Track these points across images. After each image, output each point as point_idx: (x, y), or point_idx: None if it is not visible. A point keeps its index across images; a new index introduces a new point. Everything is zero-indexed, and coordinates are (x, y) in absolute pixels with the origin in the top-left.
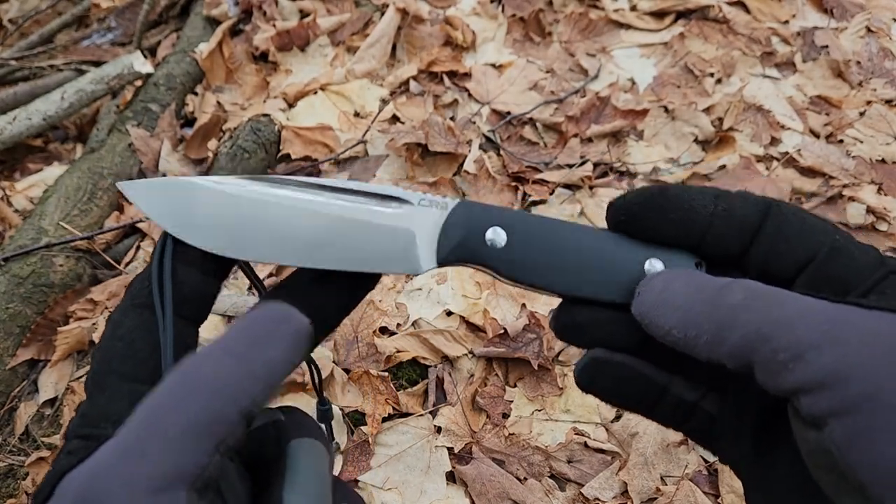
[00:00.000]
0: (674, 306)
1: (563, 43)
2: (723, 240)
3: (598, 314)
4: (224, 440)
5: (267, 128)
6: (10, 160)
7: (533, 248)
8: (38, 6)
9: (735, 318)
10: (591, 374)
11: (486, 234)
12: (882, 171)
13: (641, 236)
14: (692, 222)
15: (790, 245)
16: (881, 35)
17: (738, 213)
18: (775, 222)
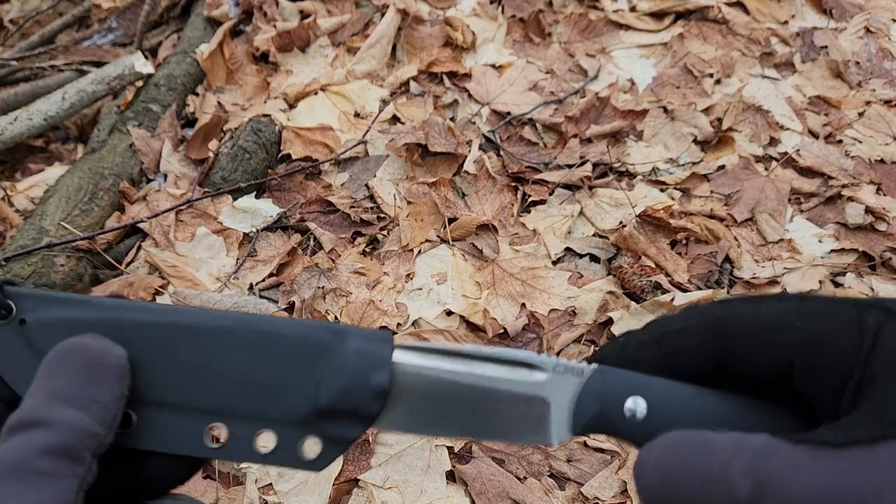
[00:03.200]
0: (677, 486)
1: (563, 43)
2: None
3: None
4: (84, 478)
5: (267, 128)
6: (11, 160)
7: (677, 418)
8: (40, 7)
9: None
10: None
11: (626, 404)
12: (881, 171)
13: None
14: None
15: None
16: (880, 35)
17: (685, 355)
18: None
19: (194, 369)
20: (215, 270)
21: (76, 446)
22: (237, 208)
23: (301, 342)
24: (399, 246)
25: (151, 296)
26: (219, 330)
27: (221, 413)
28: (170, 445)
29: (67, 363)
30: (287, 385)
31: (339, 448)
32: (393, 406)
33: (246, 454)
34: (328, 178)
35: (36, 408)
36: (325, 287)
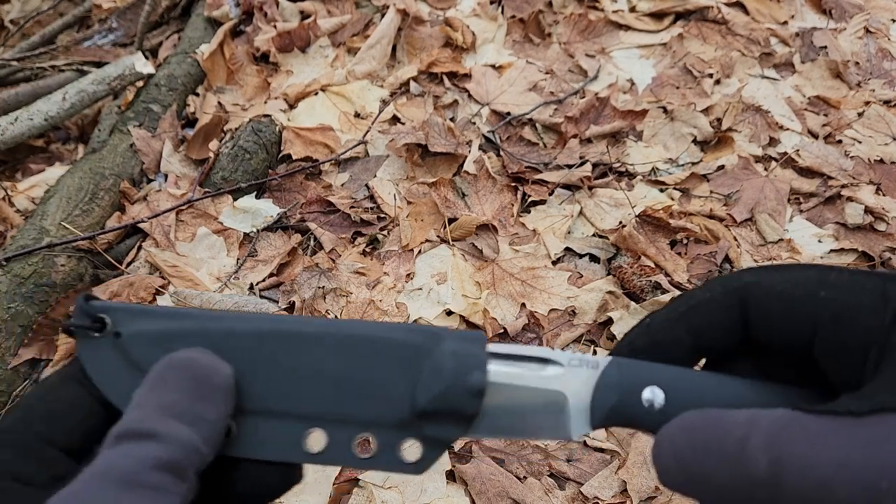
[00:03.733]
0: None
1: (563, 44)
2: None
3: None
4: (187, 496)
5: (268, 128)
6: (11, 160)
7: (695, 405)
8: (40, 7)
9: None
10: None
11: (643, 395)
12: (880, 171)
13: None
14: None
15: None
16: (879, 36)
17: (711, 328)
18: (756, 318)
19: (290, 375)
20: (216, 270)
21: (184, 463)
22: (237, 208)
23: (396, 345)
24: (399, 246)
25: (152, 296)
26: (313, 335)
27: (320, 418)
28: (269, 453)
29: (177, 377)
30: (384, 388)
31: (439, 450)
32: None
33: (345, 459)
34: (328, 178)
35: (146, 419)
36: (326, 287)
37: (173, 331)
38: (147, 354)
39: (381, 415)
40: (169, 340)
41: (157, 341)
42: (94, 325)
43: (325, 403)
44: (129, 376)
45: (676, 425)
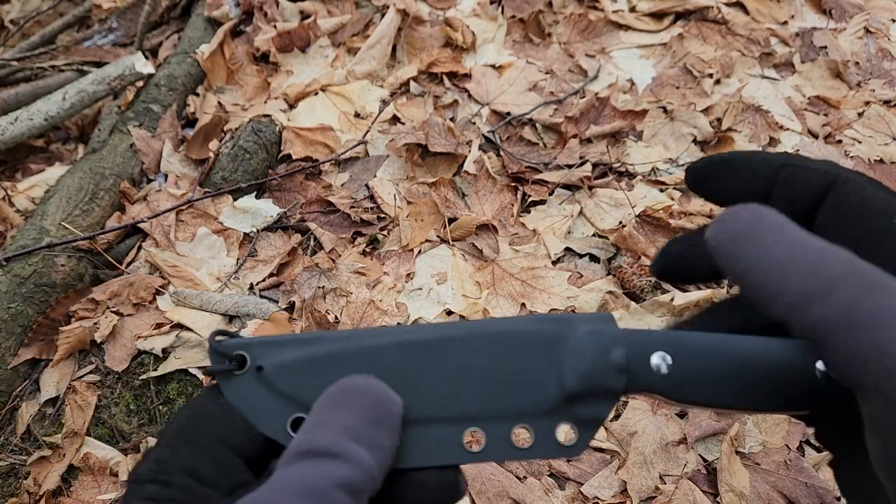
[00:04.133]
0: (764, 249)
1: (563, 44)
2: (781, 208)
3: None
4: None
5: (268, 128)
6: (11, 160)
7: (699, 369)
8: (40, 7)
9: (828, 292)
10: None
11: (652, 360)
12: (880, 171)
13: (711, 198)
14: (751, 190)
15: (840, 224)
16: (879, 36)
17: (799, 186)
18: (834, 199)
19: (438, 381)
20: (216, 270)
21: (362, 487)
22: (237, 208)
23: (533, 336)
24: (399, 246)
25: (152, 296)
26: (449, 339)
27: (475, 418)
28: (432, 458)
29: (356, 402)
30: (531, 379)
31: (593, 429)
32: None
33: (507, 452)
34: (328, 178)
35: (331, 440)
36: (326, 287)
37: (313, 357)
38: (296, 384)
39: (532, 404)
40: (313, 366)
41: (301, 370)
42: (234, 365)
43: (476, 403)
44: (281, 408)
45: (757, 210)
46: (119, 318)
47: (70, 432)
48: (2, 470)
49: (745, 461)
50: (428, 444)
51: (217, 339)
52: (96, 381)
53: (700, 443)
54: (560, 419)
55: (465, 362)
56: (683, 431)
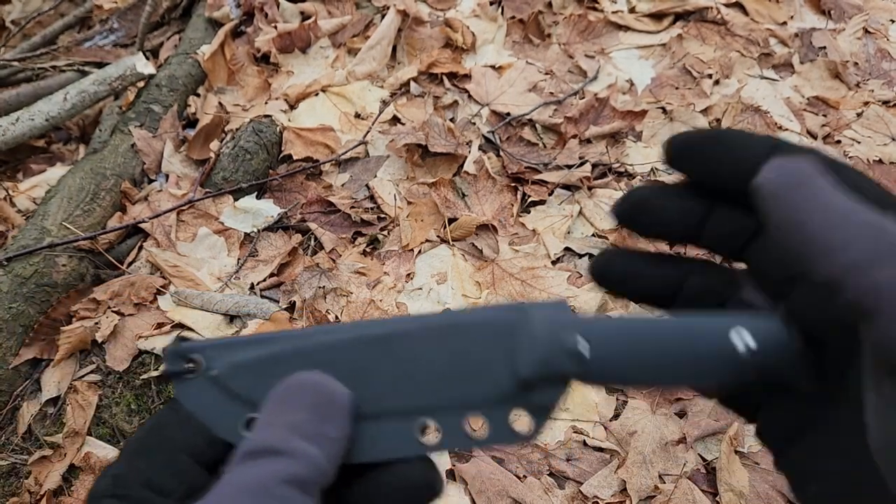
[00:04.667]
0: (828, 202)
1: (563, 45)
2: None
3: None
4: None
5: (268, 129)
6: (13, 161)
7: (618, 352)
8: (41, 7)
9: (892, 257)
10: (607, 262)
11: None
12: (879, 171)
13: (691, 174)
14: (743, 170)
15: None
16: (879, 36)
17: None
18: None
19: (391, 375)
20: (216, 270)
21: (309, 480)
22: (238, 208)
23: (487, 325)
24: (399, 246)
25: (153, 296)
26: (402, 333)
27: (429, 409)
28: (388, 452)
29: (301, 399)
30: (484, 368)
31: (546, 415)
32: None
33: (462, 442)
34: (329, 178)
35: (275, 438)
36: (326, 287)
37: (266, 357)
38: (248, 384)
39: (485, 393)
40: (265, 366)
41: (254, 370)
42: (188, 367)
43: (430, 394)
44: (234, 409)
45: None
46: (120, 318)
47: (71, 432)
48: (3, 469)
49: (745, 461)
50: (383, 437)
51: (180, 338)
52: (97, 381)
53: (699, 442)
54: (514, 407)
55: (419, 355)
56: (683, 431)
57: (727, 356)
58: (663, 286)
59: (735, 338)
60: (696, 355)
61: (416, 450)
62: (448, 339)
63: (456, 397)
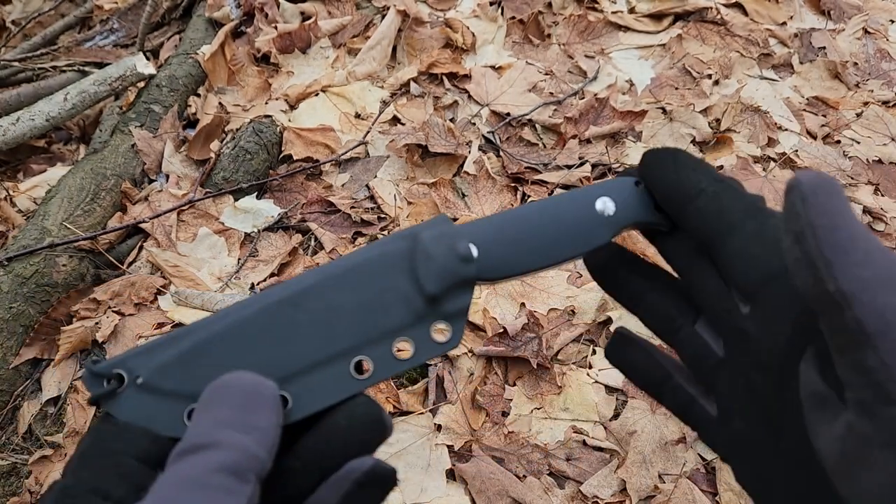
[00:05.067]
0: (848, 218)
1: (562, 45)
2: (699, 219)
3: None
4: (252, 498)
5: (269, 129)
6: (13, 161)
7: (504, 246)
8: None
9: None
10: (616, 349)
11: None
12: (879, 171)
13: (650, 188)
14: (682, 190)
15: (758, 255)
16: (878, 36)
17: (727, 205)
18: (755, 226)
19: (312, 327)
20: (217, 270)
21: (244, 466)
22: (238, 208)
23: (384, 257)
24: None
25: (153, 295)
26: (310, 287)
27: (356, 348)
28: (326, 398)
29: (226, 396)
30: (394, 295)
31: (462, 318)
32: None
33: (394, 366)
34: (329, 178)
35: (203, 434)
36: None
37: (187, 349)
38: (178, 380)
39: (402, 317)
40: (190, 358)
41: (180, 365)
42: (111, 385)
43: (352, 334)
44: (172, 406)
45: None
46: (120, 318)
47: (71, 431)
48: (3, 469)
49: None
50: (320, 386)
51: (92, 362)
52: None
53: (699, 442)
54: (431, 321)
55: (331, 301)
56: (683, 430)
57: (597, 221)
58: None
59: (599, 205)
60: (570, 229)
61: (355, 386)
62: (353, 279)
63: (378, 329)
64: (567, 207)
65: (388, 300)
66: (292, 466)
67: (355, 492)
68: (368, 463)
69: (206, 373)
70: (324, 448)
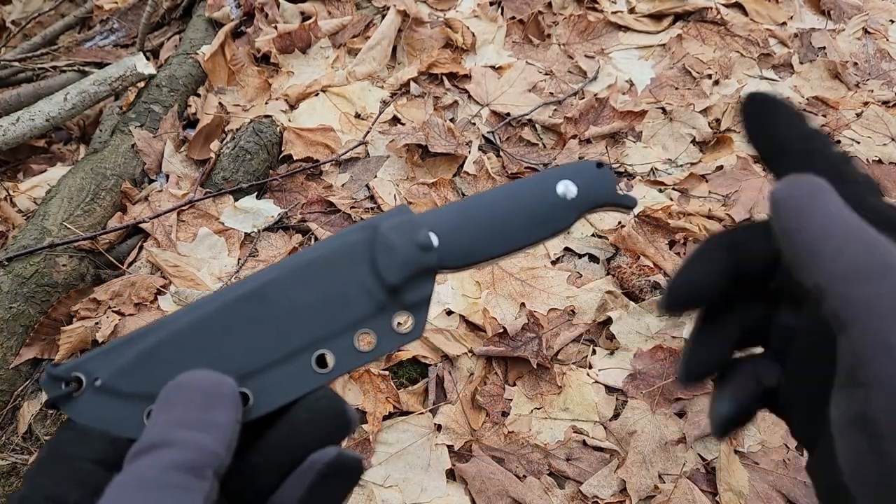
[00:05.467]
0: (828, 215)
1: (562, 45)
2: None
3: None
4: (209, 495)
5: (269, 129)
6: (13, 161)
7: (464, 234)
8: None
9: (882, 274)
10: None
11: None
12: (879, 171)
13: (757, 138)
14: (776, 143)
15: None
16: (878, 36)
17: (829, 157)
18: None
19: (273, 323)
20: (217, 270)
21: (200, 464)
22: (238, 208)
23: (344, 249)
24: None
25: (153, 295)
26: (270, 282)
27: (317, 341)
28: (288, 392)
29: (183, 395)
30: (355, 287)
31: (425, 308)
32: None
33: (356, 359)
34: (329, 178)
35: (159, 433)
36: None
37: (146, 350)
38: (136, 381)
39: (363, 309)
40: (148, 359)
41: (139, 366)
42: (69, 388)
43: (313, 328)
44: (130, 408)
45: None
46: (120, 318)
47: None
48: (3, 469)
49: (744, 460)
50: (282, 381)
51: (52, 364)
52: None
53: (699, 442)
54: (393, 311)
55: (291, 295)
56: (682, 431)
57: (559, 205)
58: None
59: (561, 188)
60: (532, 214)
61: (316, 380)
62: (314, 272)
63: (338, 322)
64: (527, 192)
65: (348, 292)
66: (256, 462)
67: (319, 483)
68: (331, 453)
69: (165, 373)
70: (286, 442)
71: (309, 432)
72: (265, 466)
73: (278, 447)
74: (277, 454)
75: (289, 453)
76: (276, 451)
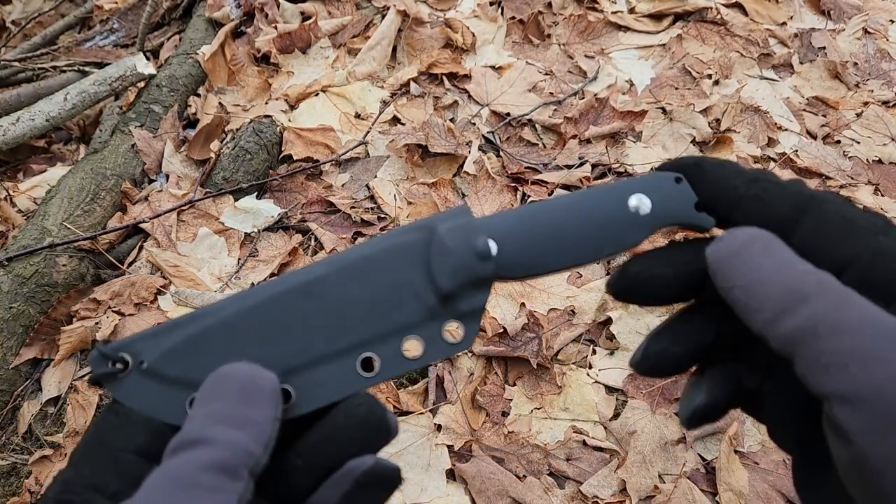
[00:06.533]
0: (750, 268)
1: (562, 45)
2: (750, 223)
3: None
4: (243, 495)
5: (269, 129)
6: (13, 161)
7: (526, 244)
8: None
9: (798, 306)
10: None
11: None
12: (879, 171)
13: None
14: (718, 199)
15: (827, 245)
16: (878, 36)
17: (771, 202)
18: (814, 219)
19: (321, 319)
20: (217, 270)
21: (235, 463)
22: (238, 208)
23: (398, 249)
24: None
25: (153, 295)
26: (322, 277)
27: (364, 343)
28: (330, 394)
29: (222, 388)
30: (406, 290)
31: (477, 319)
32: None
33: (401, 366)
34: (329, 178)
35: (195, 429)
36: None
37: (193, 335)
38: (182, 367)
39: (413, 314)
40: (195, 345)
41: (185, 351)
42: (116, 367)
43: (361, 329)
44: (174, 393)
45: (751, 231)
46: (120, 318)
47: (72, 431)
48: (3, 469)
49: (744, 460)
50: (325, 381)
51: (104, 343)
52: None
53: (699, 442)
54: (444, 319)
55: (341, 293)
56: (682, 431)
57: (630, 221)
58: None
59: (633, 202)
60: (600, 228)
61: (360, 383)
62: (366, 271)
63: (387, 325)
64: (597, 204)
65: (400, 295)
66: (294, 463)
67: (355, 491)
68: (368, 462)
69: (210, 361)
70: (325, 446)
71: (348, 437)
72: (303, 468)
73: (317, 450)
74: (316, 457)
75: (326, 457)
76: (314, 453)
